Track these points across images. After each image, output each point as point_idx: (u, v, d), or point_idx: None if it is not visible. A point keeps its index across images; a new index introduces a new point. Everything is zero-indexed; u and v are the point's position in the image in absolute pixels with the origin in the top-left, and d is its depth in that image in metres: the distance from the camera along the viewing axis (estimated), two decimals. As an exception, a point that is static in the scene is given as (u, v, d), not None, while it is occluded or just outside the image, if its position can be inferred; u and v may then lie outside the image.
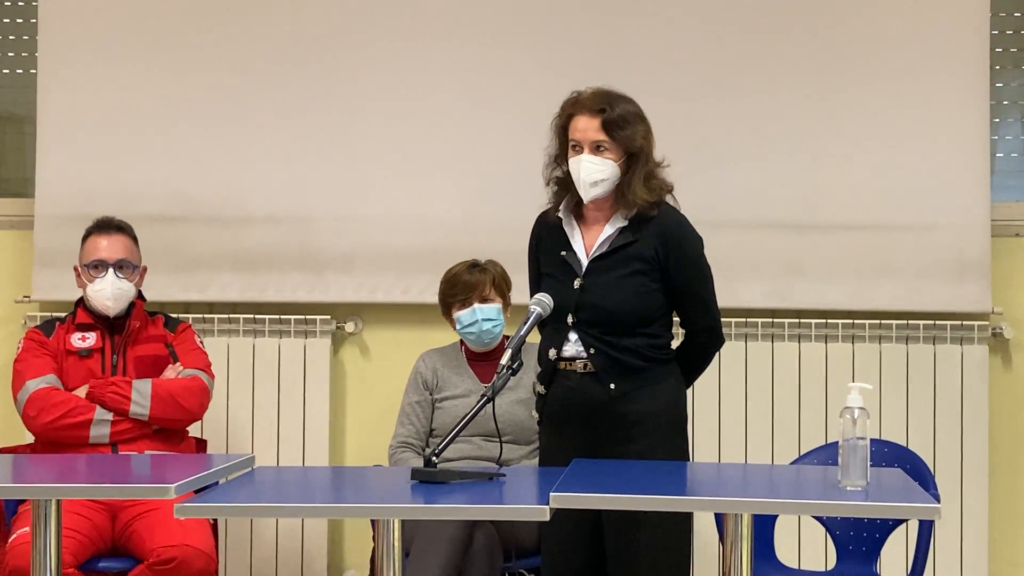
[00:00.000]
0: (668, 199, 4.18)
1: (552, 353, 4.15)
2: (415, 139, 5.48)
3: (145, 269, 5.00)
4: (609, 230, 4.15)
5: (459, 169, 5.47)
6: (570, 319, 4.12)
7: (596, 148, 4.10)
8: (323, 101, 5.51)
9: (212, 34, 5.55)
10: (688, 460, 4.24)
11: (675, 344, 4.23)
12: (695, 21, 5.42)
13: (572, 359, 4.13)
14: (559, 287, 4.15)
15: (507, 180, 5.37)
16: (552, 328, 4.17)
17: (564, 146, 4.17)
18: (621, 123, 4.09)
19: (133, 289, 4.91)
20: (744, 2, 5.40)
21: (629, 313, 4.10)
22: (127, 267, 4.90)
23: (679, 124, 4.40)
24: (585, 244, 4.18)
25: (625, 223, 4.13)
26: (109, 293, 4.85)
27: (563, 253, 4.18)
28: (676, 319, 4.25)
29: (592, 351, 4.10)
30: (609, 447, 4.08)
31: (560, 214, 4.20)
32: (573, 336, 4.13)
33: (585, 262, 4.15)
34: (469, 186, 5.47)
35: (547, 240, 4.25)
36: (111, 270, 4.87)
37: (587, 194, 4.11)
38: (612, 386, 4.08)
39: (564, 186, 4.21)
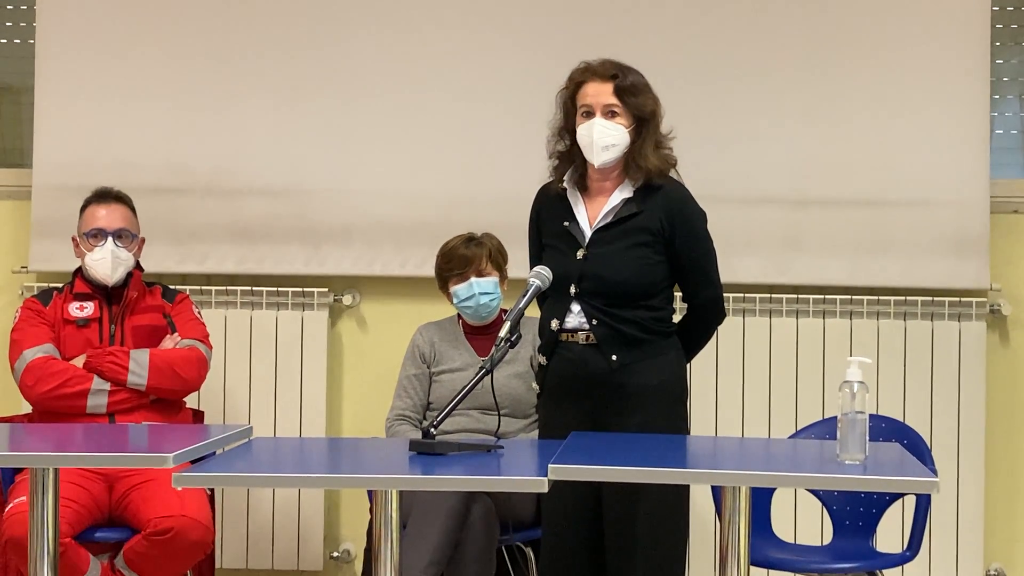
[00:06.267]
0: (672, 174, 4.19)
1: (554, 324, 4.15)
2: (413, 111, 5.47)
3: (143, 240, 4.99)
4: (614, 201, 4.15)
5: (457, 142, 5.46)
6: (573, 290, 4.12)
7: (608, 113, 4.11)
8: (321, 73, 5.49)
9: (210, 6, 5.53)
10: (688, 434, 4.25)
11: (676, 319, 4.24)
12: (693, -3, 5.42)
13: (574, 330, 4.13)
14: (561, 258, 4.15)
15: (505, 153, 5.36)
16: (554, 299, 4.17)
17: (569, 118, 4.17)
18: (633, 90, 4.12)
19: (132, 259, 4.90)
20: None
21: (632, 284, 4.10)
22: (126, 236, 4.90)
23: (677, 100, 4.38)
24: (589, 215, 4.18)
25: (630, 194, 4.14)
26: (108, 262, 4.84)
27: (566, 224, 4.18)
28: (678, 294, 4.25)
29: (595, 322, 4.10)
30: (609, 419, 4.08)
31: (564, 185, 4.20)
32: (576, 307, 4.13)
33: (588, 233, 4.15)
34: (467, 159, 5.46)
35: (549, 211, 4.25)
36: (110, 239, 4.86)
37: (599, 158, 4.11)
38: (614, 357, 4.08)
39: (567, 159, 4.22)
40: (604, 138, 4.10)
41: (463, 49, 5.46)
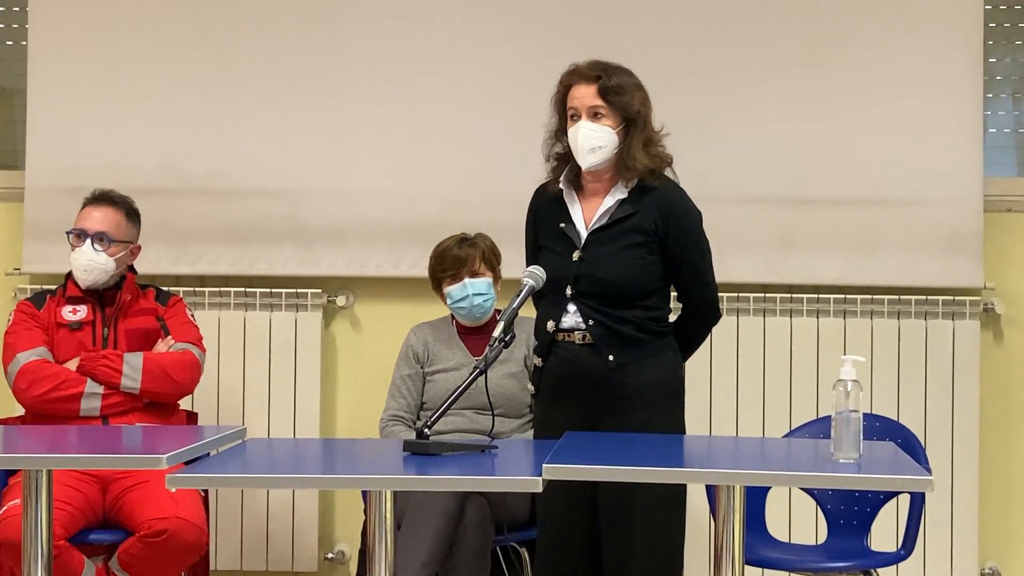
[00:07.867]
0: (668, 172, 4.18)
1: (550, 325, 4.15)
2: (407, 112, 5.46)
3: (139, 248, 4.95)
4: (609, 202, 4.15)
5: (451, 143, 5.45)
6: (569, 291, 4.12)
7: (594, 115, 4.11)
8: (315, 73, 5.49)
9: (203, 6, 5.53)
10: (685, 433, 4.24)
11: (672, 318, 4.24)
12: (686, -4, 5.42)
13: (571, 330, 4.13)
14: (558, 259, 4.15)
15: (499, 154, 5.36)
16: (550, 300, 4.17)
17: (563, 120, 4.17)
18: (618, 90, 4.11)
19: (110, 263, 4.84)
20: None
21: (628, 285, 4.10)
22: (105, 240, 4.84)
23: (672, 99, 4.39)
24: (584, 216, 4.18)
25: (625, 195, 4.14)
26: (81, 263, 4.82)
27: (562, 225, 4.18)
28: (674, 293, 4.25)
29: (591, 322, 4.10)
30: (606, 419, 4.08)
31: (560, 186, 4.20)
32: (572, 308, 4.13)
33: (584, 234, 4.15)
34: (461, 160, 5.45)
35: (546, 212, 4.24)
36: (88, 241, 4.84)
37: (585, 161, 4.11)
38: (611, 357, 4.08)
39: (564, 161, 4.22)
40: (589, 141, 4.10)
41: (457, 49, 5.46)
